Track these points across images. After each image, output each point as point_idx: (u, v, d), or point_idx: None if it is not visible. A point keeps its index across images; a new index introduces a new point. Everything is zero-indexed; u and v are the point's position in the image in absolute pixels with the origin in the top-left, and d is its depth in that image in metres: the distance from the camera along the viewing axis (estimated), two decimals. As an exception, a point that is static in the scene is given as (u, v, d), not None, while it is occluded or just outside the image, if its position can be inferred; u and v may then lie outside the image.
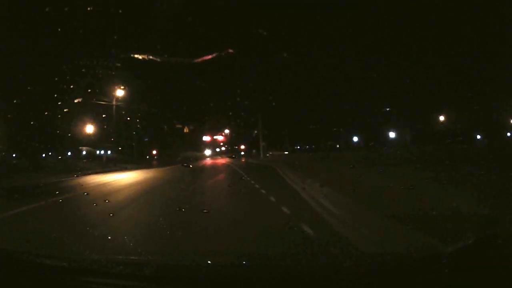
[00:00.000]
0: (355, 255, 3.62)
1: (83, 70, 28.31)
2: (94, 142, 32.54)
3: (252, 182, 13.18)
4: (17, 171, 21.42)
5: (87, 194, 11.16)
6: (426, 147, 20.76)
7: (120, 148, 36.44)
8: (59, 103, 27.50)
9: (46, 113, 27.10)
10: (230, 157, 46.03)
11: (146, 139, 45.07)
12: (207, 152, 53.57)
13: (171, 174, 21.10)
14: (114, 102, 30.08)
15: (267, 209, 7.81)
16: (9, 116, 25.51)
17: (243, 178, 16.44)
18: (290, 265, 2.44)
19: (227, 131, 49.89)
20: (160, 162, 38.26)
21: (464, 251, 2.11)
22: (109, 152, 39.33)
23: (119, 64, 29.36)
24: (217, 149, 58.01)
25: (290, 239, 4.72)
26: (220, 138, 52.78)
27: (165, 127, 42.35)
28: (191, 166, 23.03)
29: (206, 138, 52.24)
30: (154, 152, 49.82)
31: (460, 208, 4.59)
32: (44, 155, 34.72)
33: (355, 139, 45.69)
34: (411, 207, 5.07)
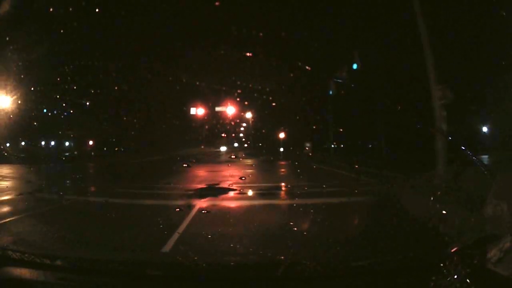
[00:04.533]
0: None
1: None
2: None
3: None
4: None
5: None
6: None
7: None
8: None
9: None
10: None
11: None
12: (223, 148, 31.57)
13: None
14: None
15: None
16: None
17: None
18: (290, 264, 2.44)
19: (249, 115, 27.60)
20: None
21: (464, 251, 2.10)
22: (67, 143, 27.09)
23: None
24: (235, 144, 32.43)
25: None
26: (226, 110, 25.13)
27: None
28: None
29: (198, 111, 26.51)
30: (91, 143, 28.12)
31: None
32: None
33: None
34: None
